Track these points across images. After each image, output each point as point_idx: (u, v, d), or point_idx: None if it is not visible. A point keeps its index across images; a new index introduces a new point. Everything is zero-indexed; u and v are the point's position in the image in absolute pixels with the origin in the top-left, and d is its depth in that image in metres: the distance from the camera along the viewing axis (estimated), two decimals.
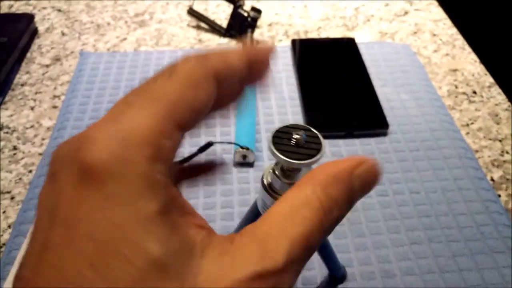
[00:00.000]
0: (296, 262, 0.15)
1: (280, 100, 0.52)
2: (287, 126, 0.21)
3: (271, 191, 0.23)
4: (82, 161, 0.13)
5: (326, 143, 0.46)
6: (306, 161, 0.20)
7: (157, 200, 0.13)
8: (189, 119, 0.15)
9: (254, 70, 0.18)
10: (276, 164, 0.23)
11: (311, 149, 0.20)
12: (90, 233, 0.13)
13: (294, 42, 0.59)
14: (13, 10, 0.67)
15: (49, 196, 0.14)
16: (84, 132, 0.14)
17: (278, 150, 0.20)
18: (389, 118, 0.49)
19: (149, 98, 0.15)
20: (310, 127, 0.21)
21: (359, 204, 0.41)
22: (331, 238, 0.39)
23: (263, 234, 0.15)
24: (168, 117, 0.14)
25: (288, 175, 0.22)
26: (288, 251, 0.14)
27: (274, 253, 0.14)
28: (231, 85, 0.18)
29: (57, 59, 0.59)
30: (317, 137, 0.21)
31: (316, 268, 0.37)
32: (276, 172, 0.22)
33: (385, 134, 0.48)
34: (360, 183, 0.16)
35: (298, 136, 0.20)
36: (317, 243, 0.15)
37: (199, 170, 0.23)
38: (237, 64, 0.17)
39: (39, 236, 0.14)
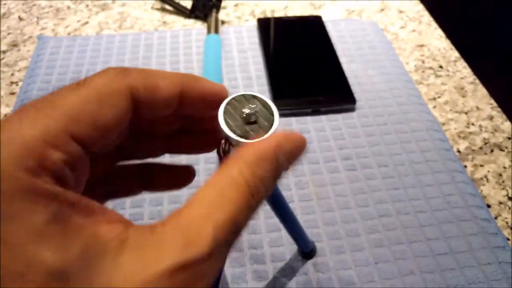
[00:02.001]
0: (222, 245, 0.14)
1: (246, 80, 0.51)
2: (243, 96, 0.20)
3: (223, 154, 0.22)
4: None
5: (293, 120, 0.46)
6: (249, 140, 0.18)
7: (46, 210, 0.12)
8: (92, 134, 0.15)
9: (190, 107, 0.18)
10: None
11: (261, 125, 0.19)
12: None
13: (260, 21, 0.58)
14: None
15: None
16: None
17: (226, 122, 0.19)
18: (357, 94, 0.49)
19: (45, 108, 0.14)
20: (264, 98, 0.20)
21: (327, 179, 0.41)
22: (299, 214, 0.38)
23: (187, 221, 0.14)
24: (60, 128, 0.14)
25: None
26: (213, 237, 0.14)
27: (198, 241, 0.14)
28: (157, 111, 0.17)
29: (14, 44, 0.56)
30: (271, 113, 0.20)
31: (284, 245, 0.37)
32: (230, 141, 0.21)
33: (352, 110, 0.48)
34: (286, 158, 0.17)
35: (248, 111, 0.19)
36: (244, 223, 0.15)
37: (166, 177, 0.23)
38: (164, 90, 0.17)
39: None
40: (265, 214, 0.38)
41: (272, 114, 0.19)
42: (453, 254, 0.36)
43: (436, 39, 0.59)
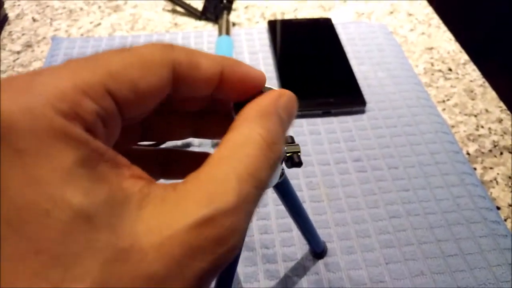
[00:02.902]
0: (247, 201, 0.14)
1: None
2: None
3: None
4: None
5: (303, 122, 0.46)
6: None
7: (75, 153, 0.12)
8: (129, 95, 0.15)
9: (228, 90, 0.18)
10: None
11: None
12: (3, 190, 0.12)
13: (270, 23, 0.59)
14: None
15: None
16: None
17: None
18: (367, 96, 0.50)
19: (87, 62, 0.14)
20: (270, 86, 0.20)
21: (338, 180, 0.42)
22: (310, 214, 0.39)
23: (209, 177, 0.14)
24: (100, 82, 0.14)
25: None
26: (237, 189, 0.14)
27: (223, 193, 0.13)
28: (196, 89, 0.17)
29: (28, 45, 0.57)
30: None
31: (296, 244, 0.37)
32: None
33: (362, 112, 0.48)
34: (284, 111, 0.17)
35: None
36: (266, 179, 0.15)
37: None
38: (205, 70, 0.17)
39: None
40: (276, 215, 0.39)
41: None
42: (463, 256, 0.36)
43: (445, 42, 0.60)
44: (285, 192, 0.28)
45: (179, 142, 0.44)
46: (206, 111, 0.21)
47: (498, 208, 0.41)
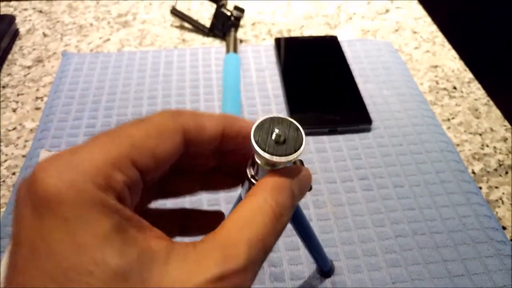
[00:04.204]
0: (255, 263, 0.17)
1: (264, 98, 0.52)
2: (271, 118, 0.21)
3: (252, 178, 0.22)
4: (36, 189, 0.14)
5: (310, 140, 0.47)
6: (283, 158, 0.20)
7: (110, 220, 0.15)
8: (149, 163, 0.17)
9: (229, 144, 0.21)
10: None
11: (290, 145, 0.20)
12: (50, 252, 0.14)
13: (277, 40, 0.60)
14: None
15: (13, 227, 0.15)
16: (38, 163, 0.15)
17: (257, 143, 0.20)
18: (372, 114, 0.50)
19: (114, 137, 0.16)
20: (292, 121, 0.21)
21: (344, 198, 0.42)
22: (317, 233, 0.39)
23: (223, 240, 0.16)
24: (125, 155, 0.16)
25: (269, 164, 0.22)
26: (247, 253, 0.16)
27: (235, 256, 0.16)
28: (202, 147, 0.20)
29: (39, 60, 0.58)
30: (299, 130, 0.21)
31: (303, 263, 0.37)
32: (258, 160, 0.22)
33: (368, 130, 0.49)
34: (298, 188, 0.20)
35: (278, 131, 0.20)
36: (272, 244, 0.18)
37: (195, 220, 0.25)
38: (209, 129, 0.19)
39: (9, 260, 0.15)
40: (284, 233, 0.39)
41: (300, 137, 0.21)
42: (469, 276, 0.36)
43: (450, 60, 0.60)
44: (294, 213, 0.29)
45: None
46: (213, 168, 0.23)
47: (504, 228, 0.41)
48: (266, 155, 0.19)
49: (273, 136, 0.20)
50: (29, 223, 0.14)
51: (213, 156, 0.23)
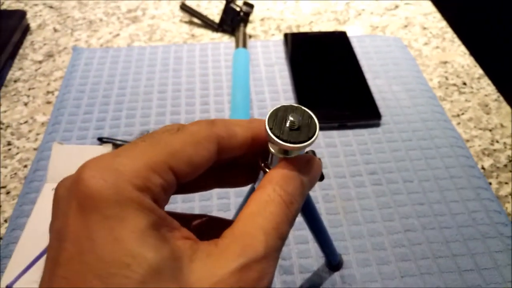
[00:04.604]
0: (273, 250, 0.17)
1: (273, 93, 0.52)
2: (285, 106, 0.21)
3: (266, 167, 0.23)
4: (82, 192, 0.16)
5: (319, 134, 0.47)
6: (297, 145, 0.20)
7: (146, 218, 0.16)
8: (185, 169, 0.18)
9: (258, 145, 0.21)
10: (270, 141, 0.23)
11: (304, 132, 0.20)
12: (94, 248, 0.15)
13: (286, 36, 0.60)
14: (4, 6, 0.67)
15: (55, 224, 0.17)
16: (83, 165, 0.17)
17: (271, 130, 0.20)
18: (382, 109, 0.50)
19: (152, 143, 0.18)
20: (306, 109, 0.21)
21: (354, 193, 0.42)
22: (327, 227, 0.39)
23: (241, 233, 0.17)
24: (164, 161, 0.17)
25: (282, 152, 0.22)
26: (265, 242, 0.17)
27: (254, 245, 0.17)
28: (233, 153, 0.21)
29: (49, 55, 0.59)
30: (312, 118, 0.21)
31: (313, 256, 0.38)
32: (272, 149, 0.22)
33: (378, 125, 0.49)
34: (307, 177, 0.20)
35: (292, 119, 0.20)
36: (286, 232, 0.18)
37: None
38: (240, 136, 0.20)
39: (50, 256, 0.16)
40: (293, 227, 0.39)
41: (314, 125, 0.21)
42: (479, 271, 0.36)
43: (459, 56, 0.60)
44: (305, 205, 0.29)
45: None
46: (229, 164, 0.24)
47: None
48: (281, 142, 0.20)
49: (287, 123, 0.20)
50: (74, 221, 0.15)
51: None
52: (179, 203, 0.41)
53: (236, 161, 0.24)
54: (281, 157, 0.21)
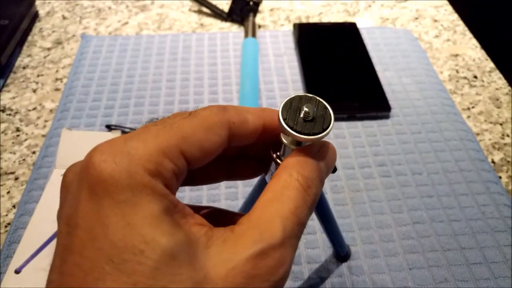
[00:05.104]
0: (291, 236, 0.17)
1: (282, 83, 0.52)
2: (299, 97, 0.21)
3: (278, 159, 0.22)
4: (93, 176, 0.15)
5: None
6: (312, 137, 0.19)
7: (159, 203, 0.15)
8: (197, 154, 0.17)
9: (269, 135, 0.21)
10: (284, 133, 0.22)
11: (319, 123, 0.20)
12: (106, 234, 0.14)
13: (296, 26, 0.59)
14: None
15: (65, 210, 0.16)
16: (94, 148, 0.16)
17: (285, 120, 0.20)
18: (391, 102, 0.50)
19: (165, 127, 0.17)
20: (321, 100, 0.21)
21: (362, 184, 0.42)
22: (336, 217, 0.39)
23: (257, 219, 0.17)
24: (176, 145, 0.17)
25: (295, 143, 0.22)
26: (282, 227, 0.16)
27: (271, 232, 0.16)
28: (243, 140, 0.20)
29: (58, 42, 0.58)
30: (327, 109, 0.20)
31: (320, 247, 0.37)
32: (284, 140, 0.22)
33: (387, 117, 0.48)
34: (324, 162, 0.20)
35: (307, 109, 0.20)
36: (305, 217, 0.18)
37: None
38: (251, 124, 0.20)
39: (61, 242, 0.16)
40: None
41: (328, 116, 0.20)
42: (487, 264, 0.36)
43: (470, 49, 0.59)
44: None
45: None
46: (238, 156, 0.23)
47: None
48: (295, 133, 0.19)
49: (302, 114, 0.20)
50: (86, 206, 0.15)
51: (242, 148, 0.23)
52: (187, 192, 0.41)
53: (245, 153, 0.23)
54: (294, 149, 0.20)
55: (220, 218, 0.25)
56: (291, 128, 0.19)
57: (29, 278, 0.35)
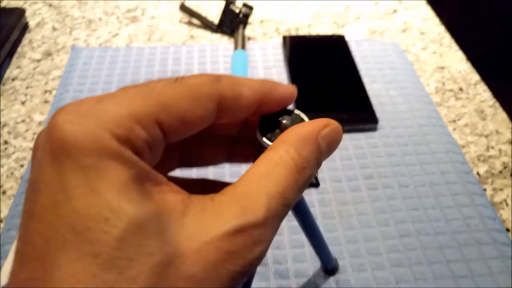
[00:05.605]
0: (274, 217, 0.16)
1: None
2: (281, 111, 0.21)
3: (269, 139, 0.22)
4: (56, 137, 0.14)
5: None
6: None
7: (127, 171, 0.14)
8: (176, 125, 0.16)
9: (266, 110, 0.19)
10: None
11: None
12: (68, 199, 0.13)
13: (285, 38, 0.60)
14: (3, 4, 0.67)
15: (31, 174, 0.15)
16: (60, 108, 0.15)
17: (260, 132, 0.20)
18: (379, 114, 0.50)
19: (143, 92, 0.16)
20: (298, 112, 0.21)
21: (349, 197, 0.42)
22: (323, 231, 0.39)
23: (242, 192, 0.16)
24: (151, 112, 0.15)
25: None
26: (267, 206, 0.15)
27: (254, 208, 0.15)
28: (235, 116, 0.19)
29: (48, 54, 0.59)
30: (303, 120, 0.21)
31: (308, 261, 0.38)
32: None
33: (374, 129, 0.49)
34: (325, 144, 0.18)
35: (284, 121, 0.20)
36: (293, 199, 0.17)
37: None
38: (246, 98, 0.18)
39: (25, 208, 0.15)
40: (289, 230, 0.39)
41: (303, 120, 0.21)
42: (473, 277, 0.37)
43: (456, 62, 0.60)
44: (300, 209, 0.29)
45: None
46: (238, 137, 0.22)
47: (508, 230, 0.41)
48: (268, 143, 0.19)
49: (280, 125, 0.20)
50: (48, 169, 0.14)
51: (240, 126, 0.22)
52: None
53: (246, 136, 0.22)
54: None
55: (211, 189, 0.25)
56: (270, 140, 0.20)
57: None
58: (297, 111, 0.21)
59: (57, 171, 0.14)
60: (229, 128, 0.22)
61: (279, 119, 0.20)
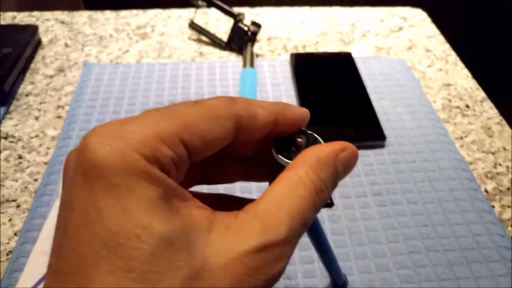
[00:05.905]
0: (294, 235, 0.17)
1: None
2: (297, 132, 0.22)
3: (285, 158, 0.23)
4: (87, 158, 0.15)
5: None
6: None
7: (156, 189, 0.15)
8: (198, 144, 0.17)
9: (280, 131, 0.20)
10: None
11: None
12: (101, 218, 0.14)
13: (293, 56, 0.61)
14: (16, 21, 0.68)
15: (63, 194, 0.16)
16: (90, 131, 0.16)
17: (277, 151, 0.21)
18: (386, 131, 0.51)
19: (166, 114, 0.17)
20: (311, 132, 0.22)
21: (359, 214, 0.43)
22: (333, 247, 0.40)
23: (264, 211, 0.17)
24: (176, 132, 0.16)
25: None
26: (288, 225, 0.16)
27: (276, 227, 0.16)
28: (252, 136, 0.20)
29: (60, 70, 0.60)
30: (317, 140, 0.22)
31: (317, 276, 0.38)
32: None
33: (382, 146, 0.50)
34: (343, 168, 0.19)
35: (300, 140, 0.21)
36: (310, 219, 0.18)
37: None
38: (261, 119, 0.19)
39: (58, 226, 0.15)
40: (299, 246, 0.40)
41: (317, 140, 0.22)
42: None
43: (462, 79, 0.61)
44: (313, 226, 0.29)
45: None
46: (255, 158, 0.23)
47: None
48: (287, 161, 0.20)
49: (296, 144, 0.21)
50: (80, 189, 0.15)
51: (258, 147, 0.23)
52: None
53: (262, 157, 0.23)
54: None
55: (227, 203, 0.24)
56: (287, 158, 0.20)
57: None
58: (310, 132, 0.22)
59: (89, 191, 0.15)
60: (247, 149, 0.23)
61: (295, 137, 0.21)
